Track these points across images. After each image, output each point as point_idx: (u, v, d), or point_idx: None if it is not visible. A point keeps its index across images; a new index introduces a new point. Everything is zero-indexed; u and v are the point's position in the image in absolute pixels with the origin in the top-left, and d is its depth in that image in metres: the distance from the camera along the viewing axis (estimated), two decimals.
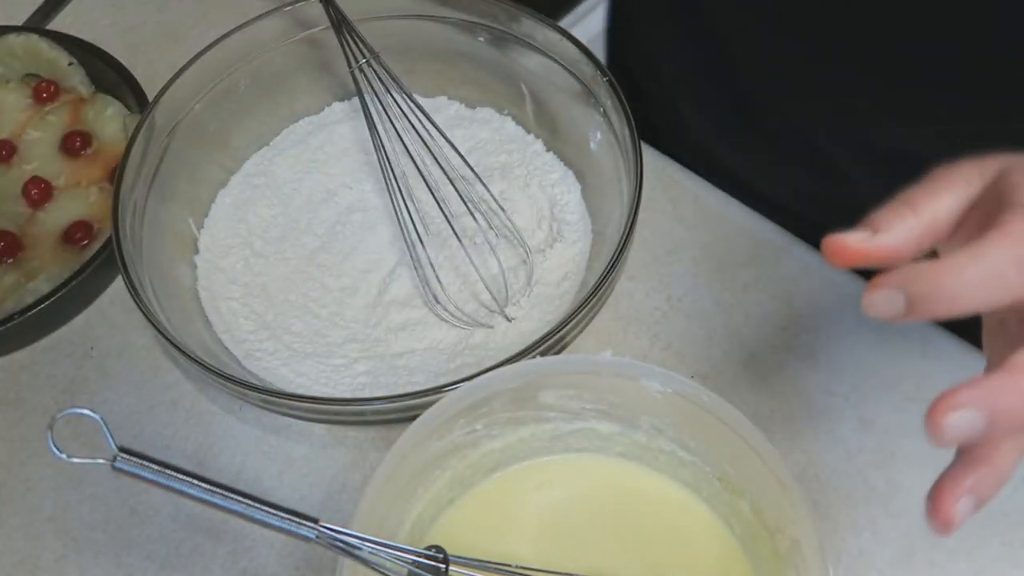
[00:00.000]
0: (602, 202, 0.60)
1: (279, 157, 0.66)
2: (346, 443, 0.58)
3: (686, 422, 0.48)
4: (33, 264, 0.64)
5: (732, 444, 0.46)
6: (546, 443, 0.52)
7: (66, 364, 0.62)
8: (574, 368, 0.49)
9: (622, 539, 0.50)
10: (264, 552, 0.55)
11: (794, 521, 0.43)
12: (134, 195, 0.59)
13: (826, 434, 0.55)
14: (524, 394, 0.49)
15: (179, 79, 0.62)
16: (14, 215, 0.66)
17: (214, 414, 0.60)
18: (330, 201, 0.65)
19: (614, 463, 0.52)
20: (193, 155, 0.63)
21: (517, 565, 0.46)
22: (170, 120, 0.62)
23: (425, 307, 0.59)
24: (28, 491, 0.58)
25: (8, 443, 0.60)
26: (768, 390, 0.57)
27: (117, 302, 0.64)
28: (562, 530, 0.50)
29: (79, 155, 0.69)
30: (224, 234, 0.63)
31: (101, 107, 0.70)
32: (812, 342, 0.58)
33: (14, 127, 0.71)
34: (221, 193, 0.65)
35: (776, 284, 0.61)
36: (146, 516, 0.57)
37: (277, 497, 0.49)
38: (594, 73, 0.59)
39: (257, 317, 0.60)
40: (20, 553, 0.56)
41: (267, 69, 0.65)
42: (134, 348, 0.63)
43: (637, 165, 0.55)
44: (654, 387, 0.47)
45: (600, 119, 0.59)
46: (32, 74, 0.72)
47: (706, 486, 0.50)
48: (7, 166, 0.69)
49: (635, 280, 0.61)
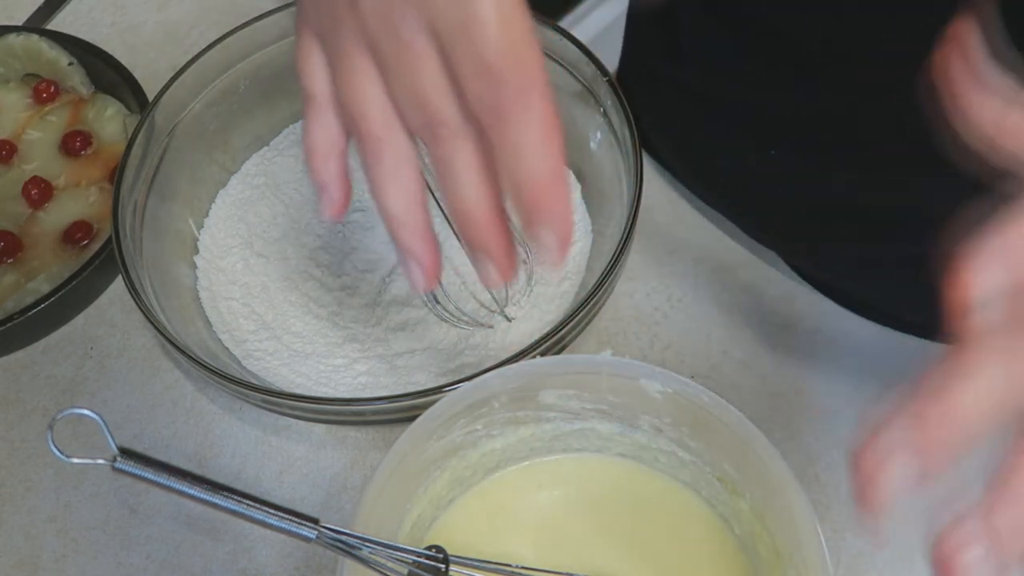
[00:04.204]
0: (602, 202, 0.60)
1: (279, 157, 0.66)
2: (346, 443, 0.58)
3: (686, 422, 0.48)
4: (33, 264, 0.64)
5: (732, 444, 0.46)
6: (546, 443, 0.52)
7: (66, 364, 0.62)
8: (574, 368, 0.49)
9: (622, 539, 0.50)
10: (264, 552, 0.55)
11: (794, 521, 0.43)
12: (134, 195, 0.59)
13: (826, 434, 0.55)
14: (524, 394, 0.49)
15: (179, 79, 0.62)
16: (14, 215, 0.66)
17: (214, 414, 0.60)
18: None
19: (614, 463, 0.52)
20: (193, 155, 0.64)
21: (517, 565, 0.46)
22: (170, 120, 0.62)
23: (425, 307, 0.59)
24: (28, 491, 0.58)
25: (8, 443, 0.60)
26: (768, 390, 0.57)
27: (117, 302, 0.64)
28: (562, 530, 0.50)
29: (79, 155, 0.69)
30: (224, 234, 0.63)
31: (101, 107, 0.70)
32: (812, 342, 0.58)
33: (14, 127, 0.71)
34: (221, 193, 0.65)
35: (776, 284, 0.61)
36: (146, 516, 0.57)
37: (277, 497, 0.49)
38: (594, 73, 0.59)
39: (257, 317, 0.60)
40: (20, 553, 0.56)
41: (267, 69, 0.65)
42: (134, 348, 0.63)
43: (637, 165, 0.55)
44: (654, 387, 0.47)
45: (600, 119, 0.59)
46: (32, 74, 0.72)
47: (706, 486, 0.50)
48: (7, 166, 0.69)
49: (635, 280, 0.61)
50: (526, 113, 0.34)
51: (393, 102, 0.37)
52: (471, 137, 0.36)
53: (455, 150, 0.36)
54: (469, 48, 0.33)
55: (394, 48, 0.35)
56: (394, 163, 0.37)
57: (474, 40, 0.33)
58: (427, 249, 0.39)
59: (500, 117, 0.34)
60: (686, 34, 0.60)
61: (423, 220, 0.38)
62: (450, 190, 0.37)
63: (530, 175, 0.34)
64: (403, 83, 0.36)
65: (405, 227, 0.38)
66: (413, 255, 0.39)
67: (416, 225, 0.38)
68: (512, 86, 0.33)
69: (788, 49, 0.52)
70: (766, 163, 0.57)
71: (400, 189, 0.38)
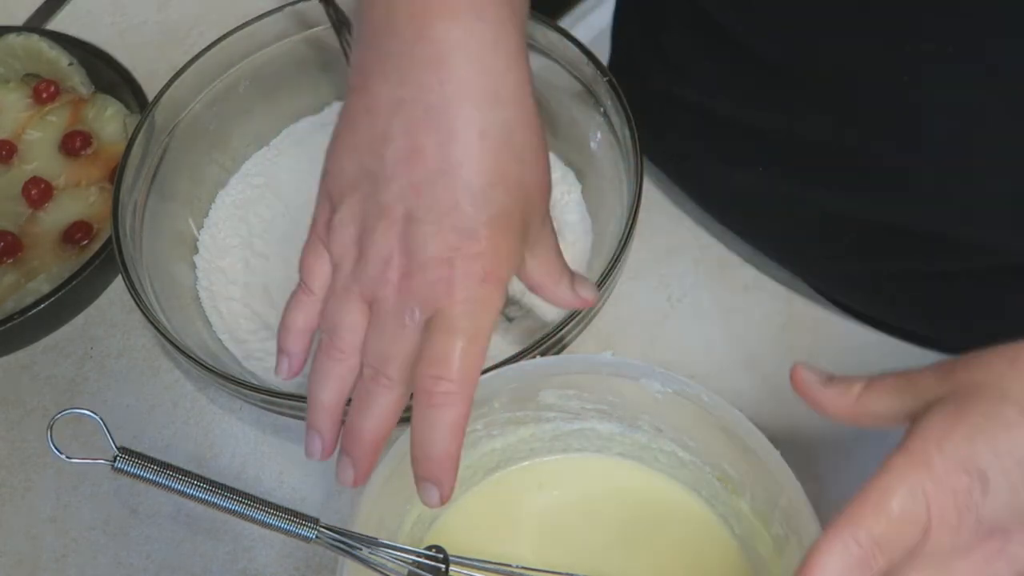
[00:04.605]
0: (602, 202, 0.60)
1: (279, 157, 0.66)
2: None
3: (686, 422, 0.48)
4: (33, 264, 0.64)
5: (732, 444, 0.46)
6: (546, 443, 0.52)
7: (66, 364, 0.62)
8: (574, 368, 0.49)
9: (622, 539, 0.50)
10: (264, 552, 0.55)
11: (794, 521, 0.43)
12: (134, 195, 0.59)
13: (826, 434, 0.55)
14: (524, 394, 0.49)
15: (179, 79, 0.62)
16: (14, 215, 0.66)
17: (214, 414, 0.60)
18: None
19: (614, 463, 0.52)
20: (193, 155, 0.63)
21: (517, 565, 0.46)
22: (170, 120, 0.62)
23: None
24: (28, 491, 0.58)
25: (8, 443, 0.60)
26: (768, 390, 0.57)
27: (117, 302, 0.64)
28: (562, 530, 0.50)
29: (79, 155, 0.69)
30: (224, 234, 0.63)
31: (101, 107, 0.70)
32: (812, 342, 0.58)
33: (14, 127, 0.71)
34: (221, 193, 0.65)
35: (776, 284, 0.61)
36: (146, 516, 0.56)
37: (277, 497, 0.49)
38: (594, 73, 0.59)
39: (257, 317, 0.60)
40: (20, 553, 0.56)
41: (267, 69, 0.65)
42: (134, 348, 0.63)
43: (637, 165, 0.55)
44: (654, 387, 0.47)
45: (600, 119, 0.59)
46: (32, 74, 0.72)
47: (706, 486, 0.50)
48: (7, 166, 0.69)
49: (635, 280, 0.61)
50: (450, 409, 0.41)
51: (365, 340, 0.44)
52: (399, 393, 0.43)
53: (380, 396, 0.43)
54: (441, 352, 0.42)
55: (391, 323, 0.43)
56: (341, 369, 0.44)
57: (449, 356, 0.41)
58: (333, 433, 0.45)
59: (431, 402, 0.41)
60: (672, 50, 0.60)
61: (339, 414, 0.45)
62: (356, 415, 0.44)
63: (431, 446, 0.42)
64: (383, 342, 0.43)
65: (323, 413, 0.45)
66: (320, 432, 0.45)
67: (333, 414, 0.45)
68: (453, 385, 0.41)
69: (770, 73, 0.53)
70: (753, 179, 0.57)
71: (335, 386, 0.45)
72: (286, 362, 0.48)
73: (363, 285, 0.44)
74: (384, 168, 0.43)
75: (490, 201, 0.42)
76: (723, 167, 0.59)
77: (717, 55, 0.56)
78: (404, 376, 0.43)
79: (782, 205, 0.57)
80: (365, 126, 0.44)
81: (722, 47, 0.55)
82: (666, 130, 0.61)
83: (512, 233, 0.43)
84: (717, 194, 0.61)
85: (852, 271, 0.57)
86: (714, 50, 0.56)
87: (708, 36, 0.56)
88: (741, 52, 0.53)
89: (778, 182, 0.56)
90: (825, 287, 0.59)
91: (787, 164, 0.55)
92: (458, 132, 0.42)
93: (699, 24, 0.56)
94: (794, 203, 0.56)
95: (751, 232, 0.61)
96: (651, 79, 0.61)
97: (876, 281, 0.56)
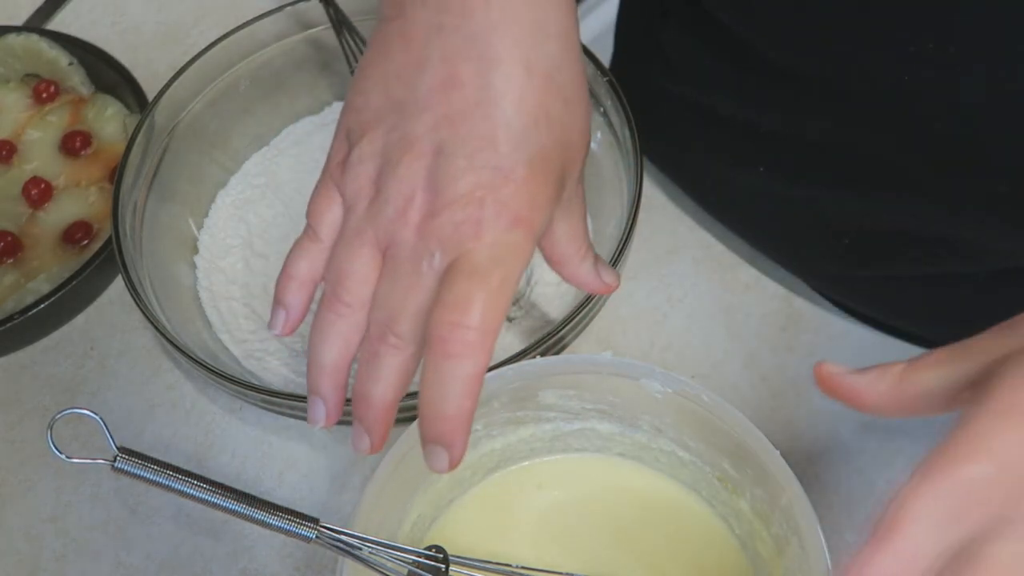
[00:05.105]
0: (602, 202, 0.60)
1: (279, 157, 0.66)
2: (346, 443, 0.58)
3: (686, 422, 0.48)
4: (33, 264, 0.64)
5: (732, 444, 0.46)
6: (546, 443, 0.52)
7: (66, 364, 0.62)
8: (574, 368, 0.49)
9: (622, 539, 0.50)
10: (264, 552, 0.55)
11: (794, 521, 0.43)
12: (134, 195, 0.59)
13: (826, 434, 0.55)
14: (524, 394, 0.49)
15: (179, 79, 0.62)
16: (14, 215, 0.66)
17: (214, 414, 0.60)
18: None
19: (614, 463, 0.52)
20: (193, 155, 0.63)
21: (517, 565, 0.46)
22: (170, 120, 0.62)
23: None
24: (28, 491, 0.58)
25: (8, 443, 0.60)
26: (768, 390, 0.57)
27: (117, 302, 0.64)
28: (562, 530, 0.50)
29: (79, 155, 0.69)
30: (224, 234, 0.63)
31: (101, 107, 0.70)
32: (812, 342, 0.58)
33: (14, 127, 0.71)
34: (221, 193, 0.65)
35: (776, 284, 0.61)
36: (146, 516, 0.57)
37: (277, 497, 0.49)
38: (594, 73, 0.59)
39: (257, 317, 0.60)
40: (20, 553, 0.56)
41: (267, 69, 0.65)
42: (134, 348, 0.63)
43: (637, 165, 0.55)
44: (654, 387, 0.47)
45: (600, 119, 0.59)
46: (32, 74, 0.72)
47: (706, 486, 0.50)
48: (7, 166, 0.69)
49: (635, 280, 0.61)
50: (467, 361, 0.37)
51: (374, 293, 0.40)
52: (409, 353, 0.39)
53: (389, 357, 0.40)
54: (463, 297, 0.37)
55: (406, 270, 0.39)
56: (346, 327, 0.40)
57: (471, 301, 0.37)
58: (337, 397, 0.42)
59: (446, 351, 0.37)
60: (672, 50, 0.60)
61: (344, 376, 0.41)
62: (363, 379, 0.40)
63: (443, 403, 0.37)
64: (394, 293, 0.39)
65: (326, 375, 0.41)
66: (323, 397, 0.42)
67: (336, 377, 0.41)
68: (472, 333, 0.37)
69: (771, 73, 0.53)
70: (753, 179, 0.57)
71: (338, 346, 0.41)
72: (283, 315, 0.43)
73: (378, 227, 0.40)
74: (416, 97, 0.39)
75: (530, 140, 0.39)
76: (723, 167, 0.59)
77: (717, 55, 0.56)
78: (415, 335, 0.39)
79: (782, 205, 0.57)
80: (399, 51, 0.40)
81: (723, 47, 0.55)
82: (666, 130, 0.61)
83: (550, 179, 0.40)
84: (717, 194, 0.61)
85: (852, 271, 0.57)
86: (714, 50, 0.56)
87: (709, 36, 0.56)
88: (742, 52, 0.53)
89: (778, 182, 0.56)
90: (825, 287, 0.59)
91: (787, 164, 0.55)
92: (502, 62, 0.38)
93: (700, 24, 0.56)
94: (794, 203, 0.56)
95: (751, 232, 0.61)
96: (651, 79, 0.61)
97: (876, 281, 0.56)
